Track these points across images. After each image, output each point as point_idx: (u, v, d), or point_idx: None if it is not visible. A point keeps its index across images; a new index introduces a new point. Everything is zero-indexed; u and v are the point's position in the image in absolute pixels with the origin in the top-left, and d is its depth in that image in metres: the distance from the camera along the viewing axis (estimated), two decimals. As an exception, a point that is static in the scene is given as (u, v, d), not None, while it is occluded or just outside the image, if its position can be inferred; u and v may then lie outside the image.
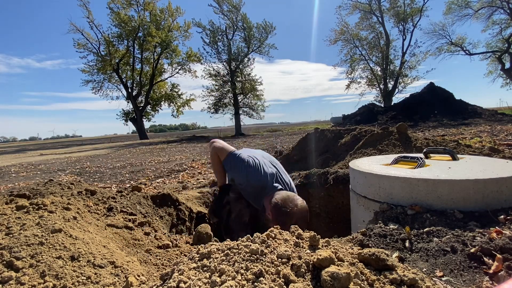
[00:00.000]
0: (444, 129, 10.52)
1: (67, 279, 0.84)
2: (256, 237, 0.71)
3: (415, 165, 1.70)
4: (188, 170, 5.75)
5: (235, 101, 28.08)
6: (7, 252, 0.87)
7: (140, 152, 12.28)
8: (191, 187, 3.62)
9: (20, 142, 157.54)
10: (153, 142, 21.93)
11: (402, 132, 3.51)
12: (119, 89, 29.03)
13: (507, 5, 22.44)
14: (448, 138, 4.06)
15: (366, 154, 3.37)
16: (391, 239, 1.16)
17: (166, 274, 0.66)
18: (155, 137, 35.78)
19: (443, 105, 15.73)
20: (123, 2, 25.67)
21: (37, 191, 1.73)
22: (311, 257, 0.61)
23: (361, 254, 0.64)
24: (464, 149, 3.04)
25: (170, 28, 27.71)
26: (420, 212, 1.34)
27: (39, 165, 9.11)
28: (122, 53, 26.92)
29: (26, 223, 1.05)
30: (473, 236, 1.08)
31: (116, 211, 1.65)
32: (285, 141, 11.38)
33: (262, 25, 27.41)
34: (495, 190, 1.29)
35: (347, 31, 28.56)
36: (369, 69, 29.37)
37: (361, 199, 1.74)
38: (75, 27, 25.28)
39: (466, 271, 0.92)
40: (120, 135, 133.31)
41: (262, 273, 0.56)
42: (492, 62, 27.21)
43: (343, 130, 4.72)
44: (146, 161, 8.08)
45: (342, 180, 2.81)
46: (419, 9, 25.94)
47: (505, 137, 5.82)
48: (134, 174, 5.68)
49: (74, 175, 6.16)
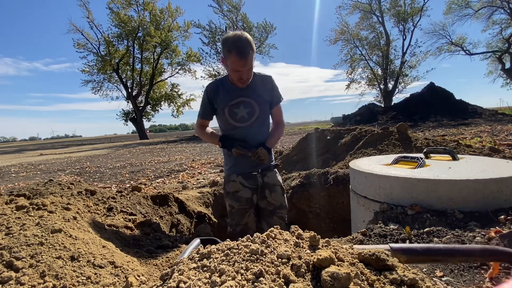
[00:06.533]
0: (444, 129, 10.53)
1: (67, 279, 0.84)
2: (256, 237, 0.71)
3: (415, 165, 1.70)
4: (188, 170, 5.75)
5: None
6: (7, 252, 0.87)
7: (140, 152, 12.28)
8: (191, 187, 3.62)
9: (20, 142, 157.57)
10: (153, 142, 21.93)
11: (402, 132, 3.51)
12: (119, 89, 29.11)
13: (507, 5, 22.44)
14: (448, 138, 4.06)
15: (366, 154, 3.37)
16: (391, 239, 1.16)
17: (166, 274, 0.65)
18: (155, 137, 35.79)
19: (443, 105, 15.73)
20: (122, 2, 25.70)
21: (37, 191, 1.73)
22: (311, 257, 0.61)
23: (361, 254, 0.64)
24: (464, 149, 3.04)
25: (170, 28, 27.73)
26: (420, 212, 1.34)
27: (39, 165, 9.11)
28: (122, 53, 26.95)
29: (26, 223, 1.04)
30: (473, 236, 1.08)
31: (116, 211, 1.65)
32: (285, 141, 11.38)
33: (262, 25, 27.44)
34: (495, 190, 1.29)
35: (347, 31, 28.59)
36: (369, 69, 29.40)
37: (361, 199, 1.74)
38: (75, 27, 25.32)
39: (466, 271, 0.92)
40: (120, 135, 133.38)
41: (262, 273, 0.56)
42: (493, 62, 27.27)
43: (343, 130, 4.72)
44: (146, 161, 8.08)
45: (342, 180, 2.81)
46: (419, 9, 25.95)
47: (505, 137, 5.82)
48: (134, 174, 5.68)
49: (74, 175, 6.16)
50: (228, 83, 1.78)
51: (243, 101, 1.77)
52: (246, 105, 1.78)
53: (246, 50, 1.54)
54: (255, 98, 1.78)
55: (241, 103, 1.77)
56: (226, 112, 1.79)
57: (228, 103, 1.77)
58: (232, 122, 1.80)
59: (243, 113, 1.79)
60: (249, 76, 1.66)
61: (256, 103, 1.78)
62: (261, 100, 1.80)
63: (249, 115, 1.79)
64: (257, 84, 1.79)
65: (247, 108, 1.78)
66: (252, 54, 1.59)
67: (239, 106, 1.77)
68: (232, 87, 1.76)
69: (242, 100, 1.77)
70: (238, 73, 1.61)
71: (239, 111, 1.78)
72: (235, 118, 1.79)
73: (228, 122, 1.81)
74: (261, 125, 1.85)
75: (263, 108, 1.81)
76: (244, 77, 1.64)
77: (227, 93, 1.77)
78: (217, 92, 1.79)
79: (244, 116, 1.79)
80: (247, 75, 1.63)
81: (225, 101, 1.77)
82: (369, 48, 28.62)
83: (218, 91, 1.79)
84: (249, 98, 1.77)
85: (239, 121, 1.79)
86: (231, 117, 1.79)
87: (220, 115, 1.84)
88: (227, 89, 1.78)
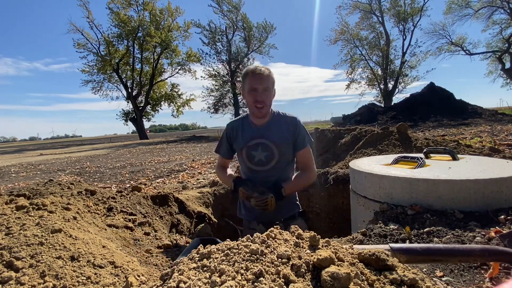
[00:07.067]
0: (444, 129, 10.53)
1: (67, 279, 0.84)
2: (256, 237, 0.71)
3: (415, 165, 1.70)
4: (188, 170, 5.75)
5: (235, 101, 28.11)
6: (7, 252, 0.87)
7: (140, 152, 12.28)
8: (191, 187, 3.62)
9: (20, 142, 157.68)
10: (153, 142, 21.93)
11: (402, 132, 3.51)
12: (119, 89, 29.13)
13: (507, 5, 22.45)
14: (448, 138, 4.06)
15: (366, 154, 3.37)
16: (391, 239, 1.16)
17: (166, 274, 0.65)
18: (155, 137, 35.79)
19: (443, 105, 15.74)
20: (122, 2, 25.71)
21: (37, 191, 1.73)
22: (311, 257, 0.61)
23: (361, 254, 0.64)
24: (464, 149, 3.04)
25: (169, 28, 27.74)
26: (420, 212, 1.34)
27: (39, 165, 9.11)
28: (122, 53, 26.96)
29: (26, 223, 1.05)
30: (473, 236, 1.08)
31: (116, 211, 1.65)
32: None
33: (262, 25, 27.45)
34: (495, 190, 1.29)
35: (347, 31, 28.61)
36: (369, 69, 29.43)
37: (361, 199, 1.74)
38: (75, 27, 25.34)
39: (466, 271, 0.92)
40: (120, 135, 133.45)
41: (262, 273, 0.56)
42: (493, 62, 27.27)
43: (343, 130, 4.72)
44: (146, 161, 8.08)
45: (342, 180, 2.81)
46: (419, 9, 25.98)
47: (505, 137, 5.82)
48: (134, 174, 5.67)
49: (74, 175, 6.16)
50: (248, 122, 1.71)
51: (261, 143, 1.66)
52: (264, 148, 1.66)
53: (262, 70, 1.53)
54: (274, 140, 1.65)
55: (259, 145, 1.67)
56: (243, 153, 1.70)
57: (246, 144, 1.68)
58: (250, 165, 1.71)
59: (261, 156, 1.67)
60: (265, 99, 1.56)
61: (275, 146, 1.65)
62: (281, 143, 1.65)
63: (267, 159, 1.67)
64: (278, 124, 1.68)
65: (265, 151, 1.66)
66: (269, 77, 1.54)
67: (257, 148, 1.67)
68: (252, 126, 1.69)
69: (260, 142, 1.66)
70: (254, 95, 1.53)
71: (256, 153, 1.68)
72: (252, 160, 1.69)
73: (246, 165, 1.73)
74: (282, 170, 1.71)
75: (283, 152, 1.67)
76: (259, 98, 1.53)
77: (246, 132, 1.69)
78: (237, 131, 1.73)
79: (261, 159, 1.68)
80: (262, 96, 1.54)
81: (243, 141, 1.69)
82: (369, 48, 28.65)
83: (237, 130, 1.73)
84: (267, 140, 1.66)
85: (257, 165, 1.69)
86: (249, 160, 1.70)
87: (238, 155, 1.78)
88: (247, 128, 1.71)
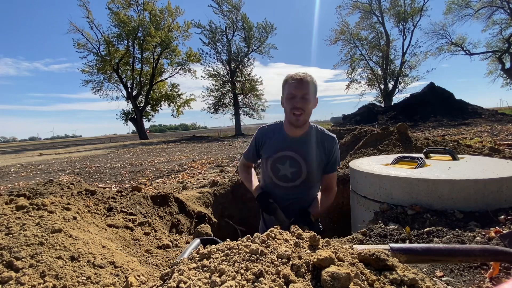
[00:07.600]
0: (444, 129, 10.53)
1: (67, 279, 0.84)
2: (256, 237, 0.71)
3: (415, 165, 1.70)
4: (188, 170, 5.75)
5: (235, 101, 28.10)
6: (7, 252, 0.87)
7: (140, 152, 12.28)
8: (191, 187, 3.62)
9: (20, 142, 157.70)
10: (153, 142, 21.93)
11: (402, 132, 3.51)
12: (119, 89, 29.13)
13: (507, 5, 22.45)
14: (448, 138, 4.06)
15: (366, 154, 3.37)
16: (391, 239, 1.16)
17: (166, 274, 0.65)
18: (155, 137, 35.79)
19: (443, 105, 15.75)
20: (122, 2, 25.71)
21: (37, 191, 1.73)
22: (311, 257, 0.61)
23: (361, 254, 0.64)
24: (464, 149, 3.04)
25: (169, 28, 27.74)
26: (420, 212, 1.33)
27: (39, 165, 9.11)
28: (122, 53, 26.95)
29: (26, 223, 1.04)
30: (473, 236, 1.08)
31: (116, 211, 1.65)
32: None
33: (262, 25, 27.43)
34: (495, 190, 1.29)
35: (347, 31, 28.61)
36: (369, 69, 29.43)
37: (361, 199, 1.74)
38: (75, 27, 25.34)
39: (466, 271, 0.92)
40: (120, 135, 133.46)
41: (262, 273, 0.56)
42: (493, 62, 27.26)
43: (343, 130, 4.72)
44: (146, 161, 8.08)
45: (342, 180, 2.81)
46: (419, 9, 25.98)
47: (505, 137, 5.83)
48: (134, 174, 5.67)
49: (74, 175, 6.16)
50: (281, 130, 1.61)
51: (290, 157, 1.56)
52: (293, 163, 1.56)
53: (303, 75, 1.46)
54: (304, 156, 1.55)
55: (287, 159, 1.56)
56: (268, 164, 1.60)
57: (273, 154, 1.58)
58: (273, 178, 1.61)
59: (287, 171, 1.57)
60: (304, 107, 1.46)
61: (305, 164, 1.55)
62: (312, 160, 1.55)
63: (293, 175, 1.57)
64: (313, 139, 1.57)
65: (293, 167, 1.56)
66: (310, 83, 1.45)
67: (284, 162, 1.57)
68: (284, 135, 1.58)
69: (289, 156, 1.56)
70: (292, 101, 1.46)
71: (282, 168, 1.57)
72: (276, 174, 1.60)
73: (269, 176, 1.63)
74: (307, 190, 1.63)
75: (311, 171, 1.56)
76: (297, 105, 1.45)
77: (276, 141, 1.59)
78: (267, 138, 1.63)
79: (287, 175, 1.58)
80: (301, 103, 1.45)
81: (271, 150, 1.59)
82: (369, 48, 28.65)
83: (267, 137, 1.63)
84: (297, 154, 1.55)
85: (280, 179, 1.60)
86: (273, 172, 1.60)
87: (262, 164, 1.68)
88: (278, 136, 1.60)
